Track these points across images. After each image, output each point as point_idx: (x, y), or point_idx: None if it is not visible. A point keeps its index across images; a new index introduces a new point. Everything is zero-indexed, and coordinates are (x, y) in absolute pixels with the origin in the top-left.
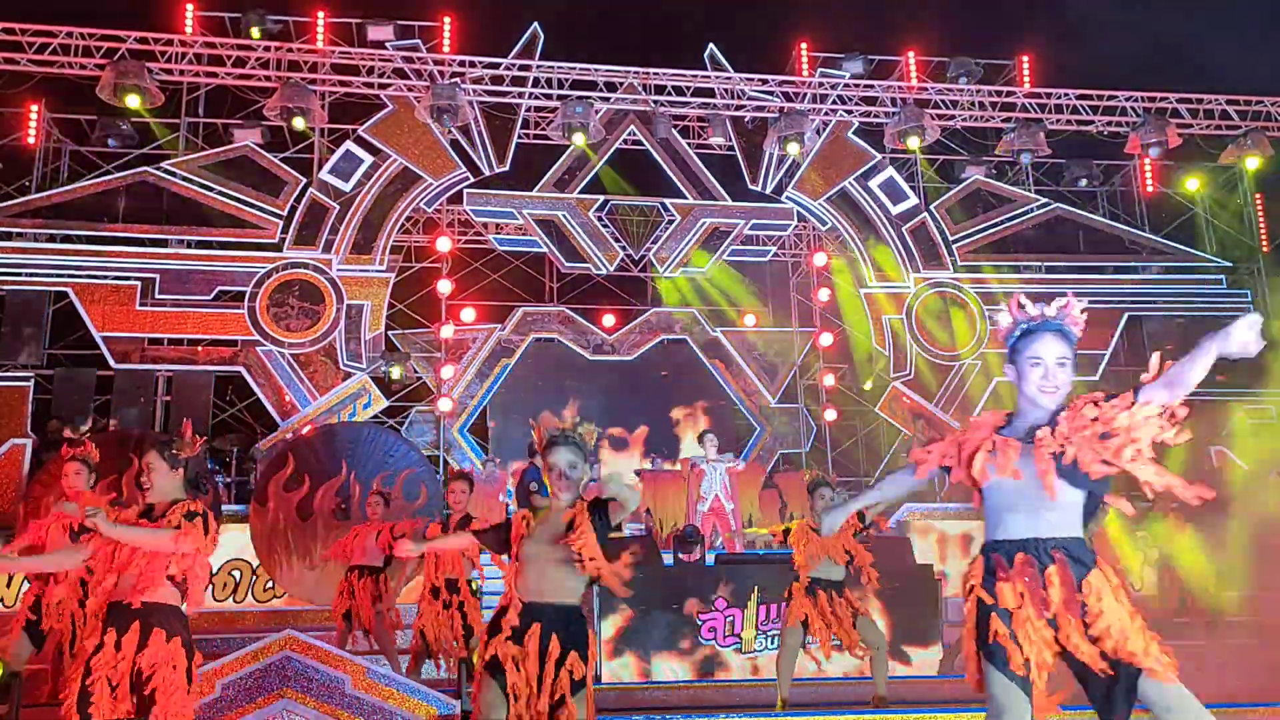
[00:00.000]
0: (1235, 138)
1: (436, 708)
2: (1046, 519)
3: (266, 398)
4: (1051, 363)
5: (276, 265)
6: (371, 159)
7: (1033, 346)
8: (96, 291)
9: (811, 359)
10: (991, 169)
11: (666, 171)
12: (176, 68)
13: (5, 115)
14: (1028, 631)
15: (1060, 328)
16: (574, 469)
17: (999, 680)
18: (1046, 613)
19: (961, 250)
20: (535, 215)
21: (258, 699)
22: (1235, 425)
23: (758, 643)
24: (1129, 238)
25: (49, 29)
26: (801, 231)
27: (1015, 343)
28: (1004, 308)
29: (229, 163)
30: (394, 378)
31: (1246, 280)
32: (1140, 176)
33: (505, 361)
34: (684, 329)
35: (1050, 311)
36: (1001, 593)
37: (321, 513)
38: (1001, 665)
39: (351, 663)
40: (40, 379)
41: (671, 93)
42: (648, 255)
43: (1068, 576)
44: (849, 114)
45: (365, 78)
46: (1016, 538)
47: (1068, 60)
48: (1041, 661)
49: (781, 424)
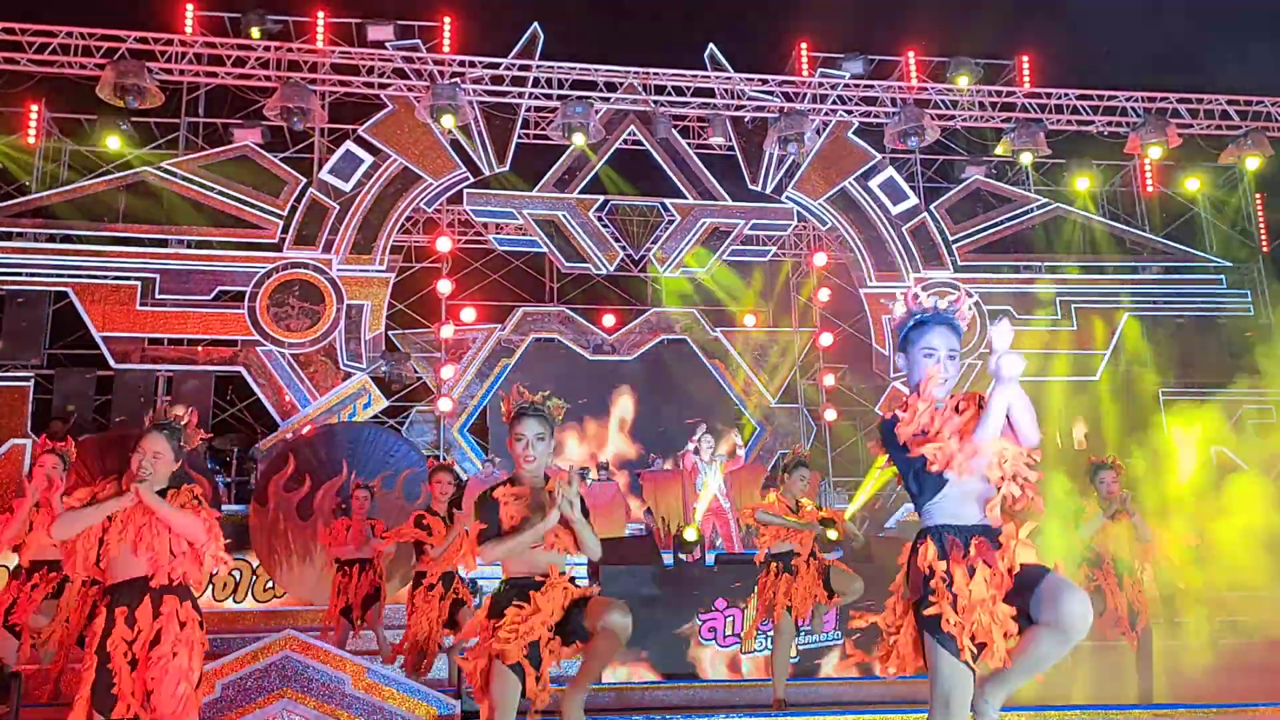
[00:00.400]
0: (1235, 138)
1: (436, 708)
2: (976, 509)
3: (266, 398)
4: (944, 354)
5: (276, 265)
6: (371, 159)
7: (926, 337)
8: (96, 291)
9: (811, 359)
10: (991, 169)
11: (666, 171)
12: (176, 67)
13: (5, 115)
14: (980, 614)
15: (951, 320)
16: (541, 440)
17: (947, 660)
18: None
19: (961, 250)
20: (535, 215)
21: (258, 699)
22: (1235, 425)
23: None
24: (1129, 238)
25: (49, 29)
26: (801, 231)
27: (908, 332)
28: (899, 298)
29: (229, 163)
30: (394, 378)
31: (1246, 280)
32: (1140, 176)
33: (505, 361)
34: (684, 329)
35: (943, 305)
36: (958, 575)
37: (321, 513)
38: (952, 649)
39: (351, 663)
40: (40, 379)
41: (671, 93)
42: (648, 255)
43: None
44: (849, 114)
45: (365, 78)
46: (970, 523)
47: (1068, 60)
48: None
49: (781, 424)
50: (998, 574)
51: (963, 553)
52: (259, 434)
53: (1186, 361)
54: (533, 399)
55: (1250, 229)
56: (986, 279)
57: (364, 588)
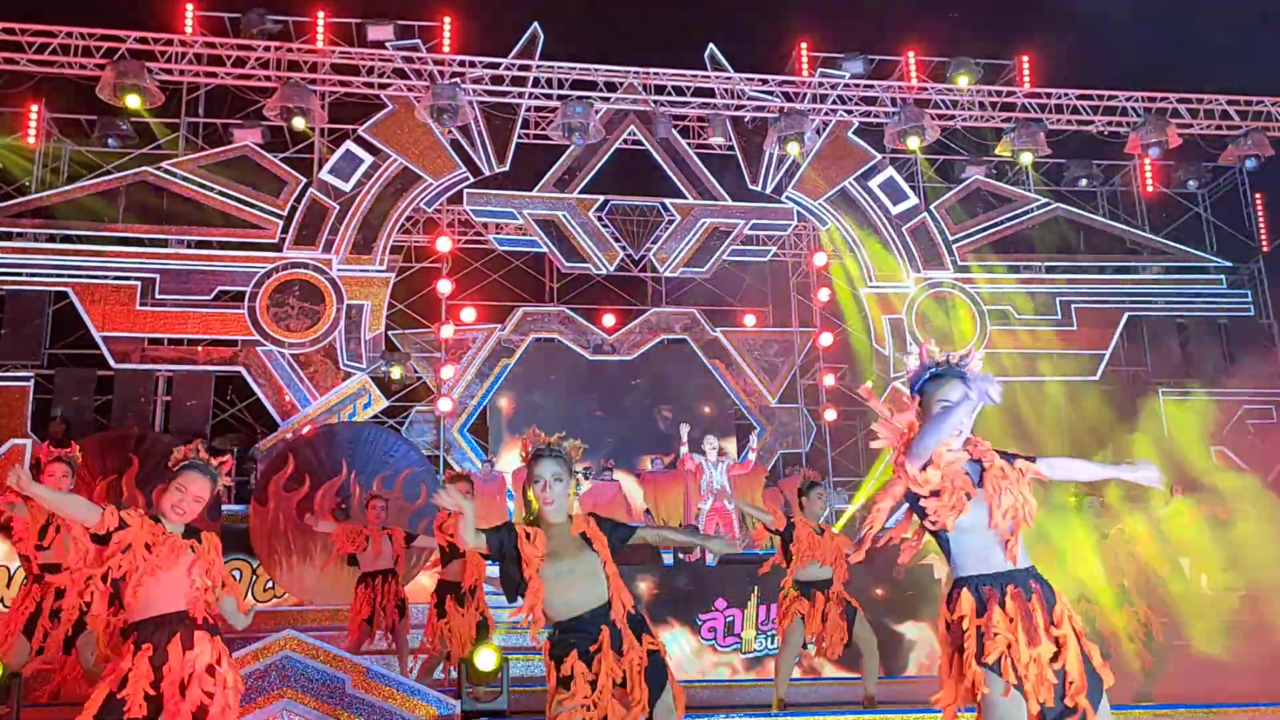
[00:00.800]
0: (1235, 138)
1: (437, 708)
2: (1013, 551)
3: (266, 398)
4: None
5: (276, 265)
6: (371, 159)
7: (942, 390)
8: (96, 291)
9: (811, 359)
10: (991, 169)
11: (666, 171)
12: (176, 68)
13: (5, 115)
14: (1026, 663)
15: (963, 375)
16: (559, 481)
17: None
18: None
19: (961, 250)
20: (535, 215)
21: (258, 699)
22: (1236, 425)
23: (758, 643)
24: (1129, 238)
25: (49, 29)
26: (801, 231)
27: (923, 384)
28: (913, 351)
29: (229, 163)
30: (394, 378)
31: (1246, 280)
32: (1140, 176)
33: (505, 361)
34: (684, 329)
35: (954, 359)
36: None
37: (322, 512)
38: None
39: (351, 663)
40: (40, 379)
41: (671, 93)
42: (648, 255)
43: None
44: (849, 114)
45: (365, 78)
46: (999, 570)
47: (1068, 60)
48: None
49: (781, 424)
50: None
51: (999, 600)
52: (259, 434)
53: (1186, 361)
54: (549, 440)
55: (1250, 229)
56: (986, 279)
57: (390, 599)
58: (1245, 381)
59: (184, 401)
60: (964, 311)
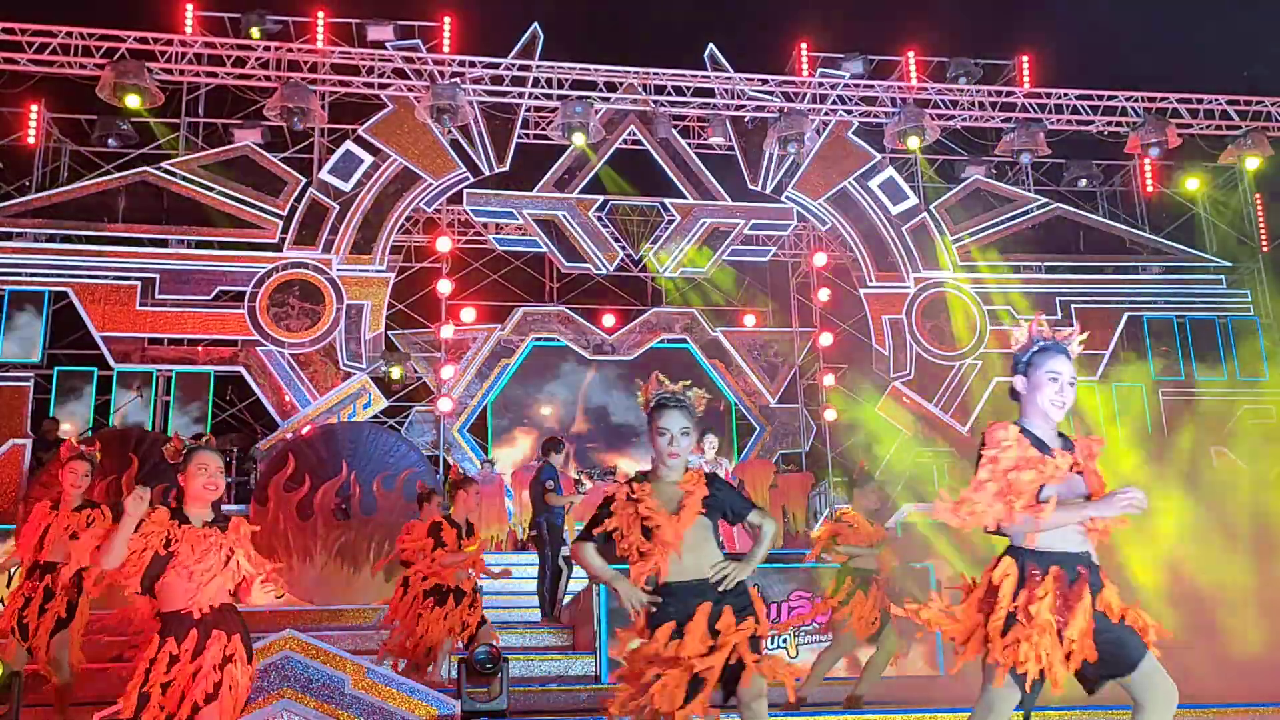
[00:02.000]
0: (1235, 138)
1: (436, 708)
2: (1073, 535)
3: (266, 398)
4: (1066, 380)
5: (276, 265)
6: (371, 159)
7: (1050, 363)
8: (96, 291)
9: (811, 359)
10: (991, 169)
11: (666, 171)
12: (176, 68)
13: (5, 115)
14: (1042, 639)
15: (1068, 351)
16: (686, 435)
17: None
18: (1068, 630)
19: (961, 250)
20: (535, 215)
21: (258, 699)
22: (1236, 425)
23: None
24: (1129, 238)
25: (49, 29)
26: (801, 231)
27: (1032, 357)
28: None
29: (229, 163)
30: (394, 378)
31: (1246, 280)
32: (1140, 176)
33: (505, 361)
34: (684, 329)
35: (1061, 335)
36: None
37: (322, 513)
38: (1014, 672)
39: (351, 663)
40: (40, 379)
41: (671, 93)
42: (648, 255)
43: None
44: (849, 114)
45: (365, 78)
46: (1054, 550)
47: (1068, 60)
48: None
49: (781, 424)
50: (1072, 607)
51: (1039, 580)
52: (259, 434)
53: (1185, 361)
54: (674, 389)
55: (1250, 229)
56: (986, 279)
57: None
58: (1245, 381)
59: (184, 402)
60: (963, 311)
